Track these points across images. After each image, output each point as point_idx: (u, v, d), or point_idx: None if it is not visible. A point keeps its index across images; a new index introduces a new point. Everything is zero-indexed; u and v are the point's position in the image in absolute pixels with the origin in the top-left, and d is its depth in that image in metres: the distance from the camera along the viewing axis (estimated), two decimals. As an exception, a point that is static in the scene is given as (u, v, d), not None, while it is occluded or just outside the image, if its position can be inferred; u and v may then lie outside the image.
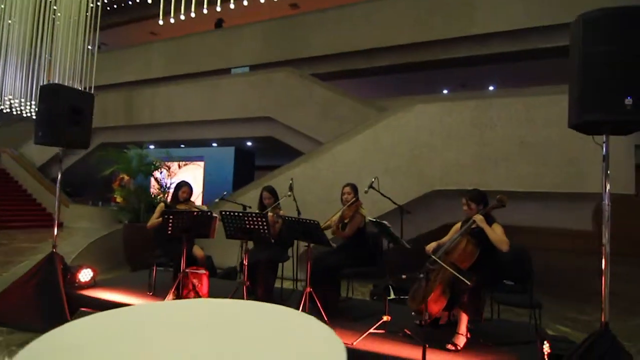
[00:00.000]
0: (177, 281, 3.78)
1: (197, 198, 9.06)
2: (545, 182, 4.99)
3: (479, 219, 3.20)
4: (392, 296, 5.11)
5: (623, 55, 2.29)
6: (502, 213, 5.48)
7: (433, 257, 3.29)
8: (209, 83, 9.47)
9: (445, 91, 11.55)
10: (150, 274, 4.60)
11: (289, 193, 4.21)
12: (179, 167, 6.64)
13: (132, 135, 10.38)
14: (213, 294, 3.97)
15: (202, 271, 3.97)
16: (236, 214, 3.60)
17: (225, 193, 4.64)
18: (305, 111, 8.46)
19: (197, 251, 4.17)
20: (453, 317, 3.36)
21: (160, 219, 4.18)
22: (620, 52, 2.29)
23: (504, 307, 3.61)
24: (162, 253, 4.19)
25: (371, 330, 3.18)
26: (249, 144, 10.15)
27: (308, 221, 3.34)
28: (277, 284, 4.26)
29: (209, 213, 3.83)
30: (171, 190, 6.72)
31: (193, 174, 9.80)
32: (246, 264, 3.61)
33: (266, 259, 3.85)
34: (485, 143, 5.23)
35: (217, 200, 4.52)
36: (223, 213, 3.65)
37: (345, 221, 3.79)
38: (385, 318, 3.22)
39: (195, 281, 3.90)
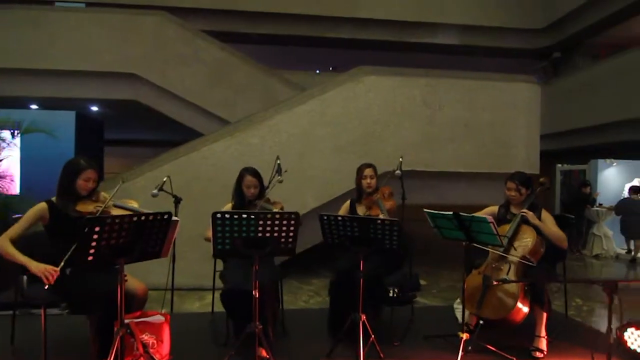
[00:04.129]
0: (115, 343, 1.92)
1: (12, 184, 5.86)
2: (483, 163, 4.98)
3: (530, 215, 2.66)
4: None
5: None
6: (440, 192, 5.36)
7: (501, 252, 2.61)
8: (30, 15, 6.16)
9: (317, 71, 11.03)
10: (13, 332, 2.39)
11: (280, 178, 2.78)
12: (13, 135, 3.88)
13: None
14: (179, 353, 2.24)
15: (159, 317, 2.18)
16: (243, 217, 2.03)
17: (163, 180, 2.75)
18: (188, 72, 6.45)
19: (135, 283, 2.28)
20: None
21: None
22: None
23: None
24: (55, 294, 2.13)
25: (461, 355, 2.27)
26: (95, 108, 7.22)
27: (380, 221, 2.13)
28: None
29: (165, 216, 2.05)
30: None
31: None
32: (257, 295, 2.09)
33: (270, 281, 2.39)
34: (435, 123, 4.86)
35: (155, 191, 2.61)
36: (219, 216, 2.01)
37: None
38: (464, 336, 2.35)
39: (146, 338, 2.10)
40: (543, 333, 2.53)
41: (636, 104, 7.03)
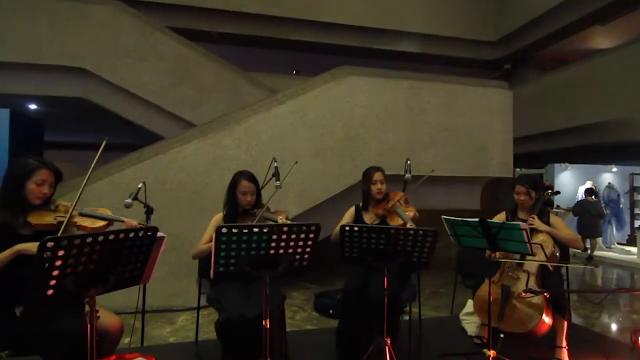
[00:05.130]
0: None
1: None
2: (462, 167, 4.91)
3: (537, 224, 2.51)
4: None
5: None
6: (418, 197, 5.18)
7: (518, 260, 2.41)
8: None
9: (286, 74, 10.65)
10: None
11: (278, 183, 2.39)
12: None
13: None
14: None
15: None
16: (254, 231, 1.62)
17: (137, 187, 2.23)
18: (145, 68, 5.80)
19: (107, 317, 1.76)
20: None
21: None
22: None
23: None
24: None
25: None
26: (33, 106, 6.26)
27: (413, 232, 1.82)
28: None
29: (149, 233, 1.58)
30: None
31: None
32: (267, 325, 1.69)
33: (277, 304, 1.98)
34: (417, 126, 4.70)
35: (128, 200, 2.09)
36: (224, 231, 1.59)
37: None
38: (491, 353, 2.10)
39: (126, 388, 1.60)
40: (564, 343, 2.36)
41: (581, 113, 7.47)
